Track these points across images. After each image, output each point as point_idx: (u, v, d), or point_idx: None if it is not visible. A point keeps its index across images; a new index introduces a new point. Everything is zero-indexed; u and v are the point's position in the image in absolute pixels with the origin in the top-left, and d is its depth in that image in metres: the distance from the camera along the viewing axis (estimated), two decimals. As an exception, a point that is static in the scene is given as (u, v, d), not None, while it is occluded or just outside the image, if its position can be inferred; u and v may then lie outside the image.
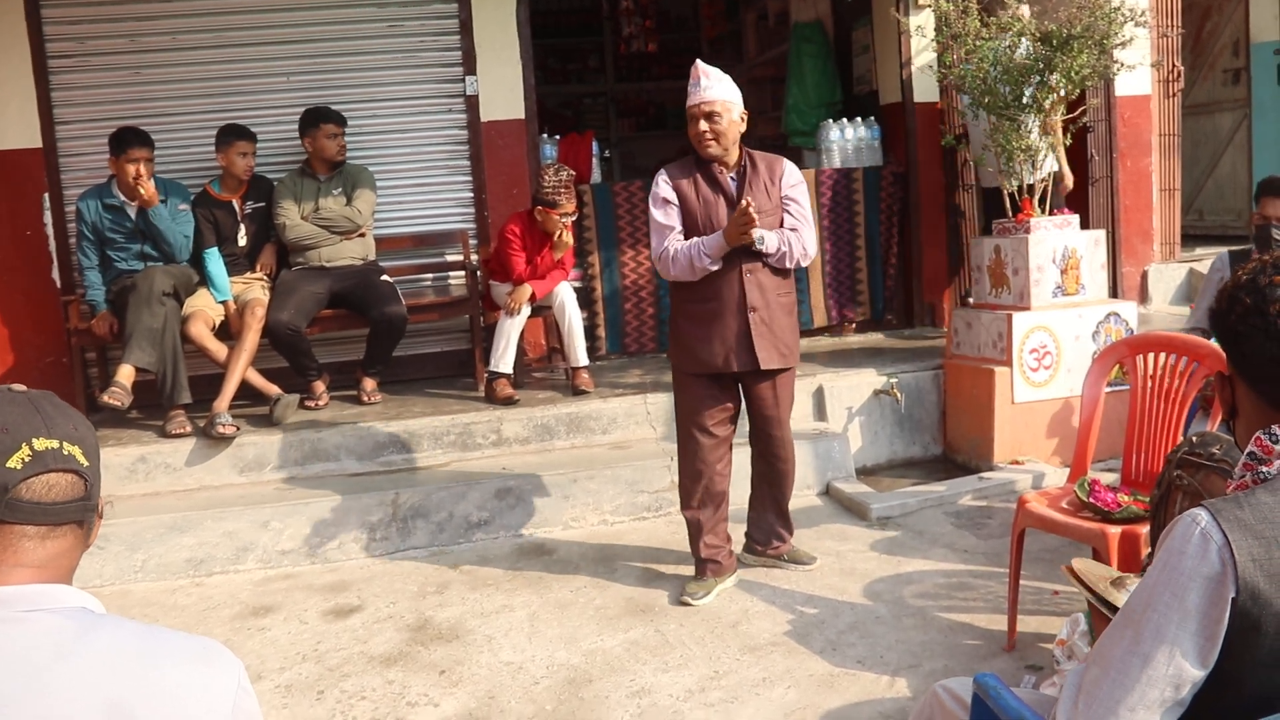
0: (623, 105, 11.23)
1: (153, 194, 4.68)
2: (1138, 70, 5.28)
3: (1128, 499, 2.93)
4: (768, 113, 8.49)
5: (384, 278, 5.17)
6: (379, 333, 5.01)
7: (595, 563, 4.00)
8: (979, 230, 5.89)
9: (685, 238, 3.50)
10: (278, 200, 5.07)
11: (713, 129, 3.44)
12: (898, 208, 6.25)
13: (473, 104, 5.68)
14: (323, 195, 5.11)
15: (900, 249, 6.30)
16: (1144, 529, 2.78)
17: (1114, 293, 5.92)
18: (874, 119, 6.34)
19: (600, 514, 4.42)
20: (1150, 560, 1.68)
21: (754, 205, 3.35)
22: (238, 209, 5.09)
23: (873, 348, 5.94)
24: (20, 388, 1.25)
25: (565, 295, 5.07)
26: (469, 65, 5.66)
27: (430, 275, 5.76)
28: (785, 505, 3.83)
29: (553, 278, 5.05)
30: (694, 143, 3.50)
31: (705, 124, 3.44)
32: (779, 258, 3.49)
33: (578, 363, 5.05)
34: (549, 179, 4.85)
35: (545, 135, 6.05)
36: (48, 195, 5.33)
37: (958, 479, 4.67)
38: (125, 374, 4.54)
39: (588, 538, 4.28)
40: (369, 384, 5.13)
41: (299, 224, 5.06)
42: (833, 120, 6.35)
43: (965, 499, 4.45)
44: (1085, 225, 5.37)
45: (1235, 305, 1.44)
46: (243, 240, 5.12)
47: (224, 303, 4.95)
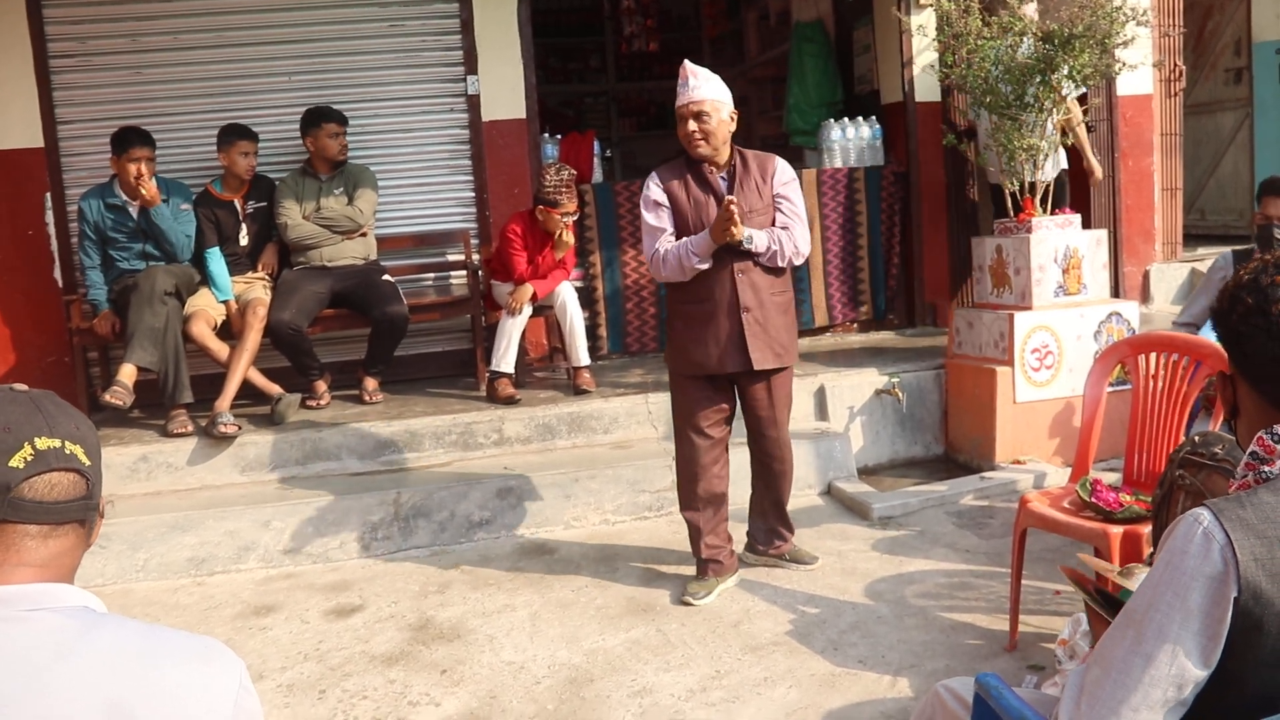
0: (624, 105, 11.22)
1: (154, 193, 4.68)
2: (1139, 70, 5.27)
3: (1130, 499, 2.93)
4: (769, 112, 8.49)
5: (385, 277, 5.17)
6: (380, 332, 5.01)
7: (597, 562, 4.00)
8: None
9: (677, 238, 3.50)
10: (279, 200, 5.07)
11: (701, 129, 3.43)
12: (899, 207, 6.25)
13: (474, 103, 5.68)
14: (324, 195, 5.11)
15: (902, 248, 6.30)
16: (1146, 529, 2.78)
17: (1116, 292, 5.91)
18: (875, 118, 6.34)
19: (602, 513, 4.42)
20: (1152, 560, 1.68)
21: (743, 204, 3.34)
22: (239, 208, 5.09)
23: (874, 347, 5.93)
24: (22, 387, 1.25)
25: (567, 295, 5.07)
26: (470, 65, 5.66)
27: (432, 275, 5.76)
28: (784, 505, 3.82)
29: (554, 277, 5.05)
30: (684, 143, 3.49)
31: (694, 124, 3.43)
32: (770, 257, 3.47)
33: (579, 362, 5.05)
34: (550, 178, 4.85)
35: (546, 135, 6.05)
36: (49, 195, 5.34)
37: (959, 479, 4.67)
38: (127, 373, 4.54)
39: (589, 537, 4.28)
40: (370, 383, 5.13)
41: (300, 223, 5.06)
42: (834, 120, 6.34)
43: (967, 499, 4.45)
44: (1087, 225, 5.36)
45: (1237, 305, 1.44)
46: (244, 240, 5.12)
47: (225, 302, 4.96)
